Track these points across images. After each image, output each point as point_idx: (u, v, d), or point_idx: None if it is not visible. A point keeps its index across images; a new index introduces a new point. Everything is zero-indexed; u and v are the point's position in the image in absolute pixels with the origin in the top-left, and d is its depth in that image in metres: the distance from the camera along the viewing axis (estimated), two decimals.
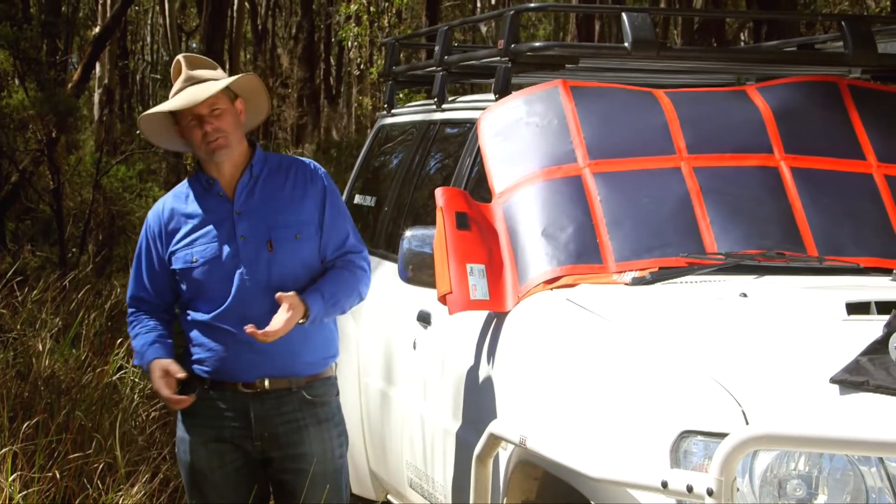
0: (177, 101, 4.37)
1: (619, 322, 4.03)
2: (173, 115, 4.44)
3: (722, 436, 3.07)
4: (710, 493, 2.98)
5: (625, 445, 3.52)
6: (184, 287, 4.47)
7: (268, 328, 4.21)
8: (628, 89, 5.18)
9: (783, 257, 4.56)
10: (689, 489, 3.05)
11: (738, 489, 3.10)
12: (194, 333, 4.46)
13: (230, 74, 4.54)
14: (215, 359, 4.41)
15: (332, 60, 39.83)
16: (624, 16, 5.21)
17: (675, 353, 3.69)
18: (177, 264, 4.45)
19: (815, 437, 2.99)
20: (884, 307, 3.80)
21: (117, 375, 7.07)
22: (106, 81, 27.83)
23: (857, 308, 3.83)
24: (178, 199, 4.54)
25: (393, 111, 7.11)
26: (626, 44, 5.17)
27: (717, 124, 5.01)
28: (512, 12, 5.34)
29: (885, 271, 4.56)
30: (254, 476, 4.50)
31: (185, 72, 4.43)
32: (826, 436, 2.99)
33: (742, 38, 30.43)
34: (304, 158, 4.62)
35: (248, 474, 4.49)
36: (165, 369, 4.33)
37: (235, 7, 27.68)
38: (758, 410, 3.28)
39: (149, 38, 46.74)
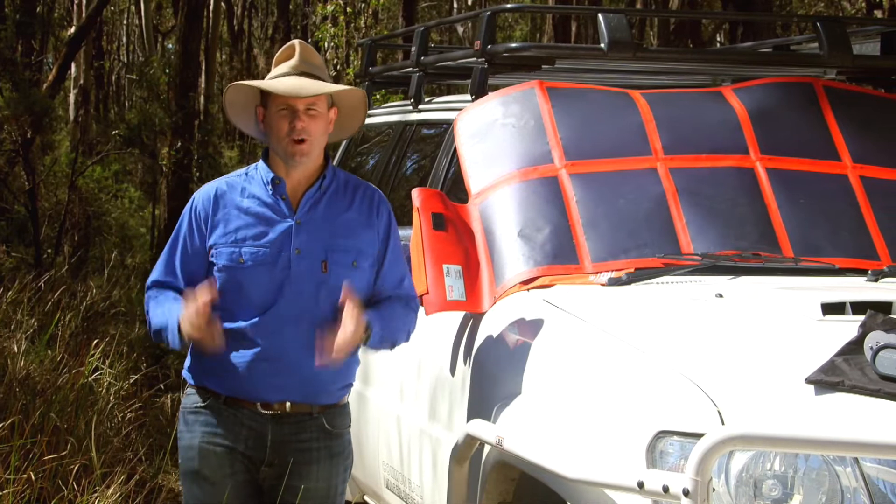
0: (281, 84, 4.02)
1: (596, 323, 4.04)
2: (264, 95, 4.10)
3: (698, 436, 3.07)
4: (686, 493, 2.99)
5: (601, 446, 3.52)
6: (218, 287, 4.02)
7: (337, 344, 3.89)
8: (604, 90, 5.20)
9: (759, 258, 4.58)
10: (665, 489, 3.06)
11: (713, 489, 3.10)
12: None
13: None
14: (236, 374, 4.02)
15: None
16: (600, 17, 5.22)
17: (651, 354, 3.69)
18: (220, 259, 4.06)
19: (790, 438, 3.00)
20: (859, 307, 3.82)
21: (93, 377, 7.05)
22: (81, 82, 27.74)
23: (832, 308, 3.85)
24: (234, 189, 4.15)
25: (369, 112, 7.11)
26: (602, 45, 5.19)
27: (693, 125, 5.02)
28: (488, 13, 5.35)
29: (861, 272, 4.58)
30: (257, 497, 4.15)
31: (298, 59, 4.09)
32: (801, 436, 3.00)
33: (718, 39, 30.51)
34: (371, 185, 4.29)
35: (254, 493, 4.13)
36: (202, 303, 3.85)
37: (211, 7, 27.60)
38: (734, 411, 3.29)
39: (125, 39, 46.59)
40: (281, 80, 4.05)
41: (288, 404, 4.06)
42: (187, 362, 4.20)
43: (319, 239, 4.07)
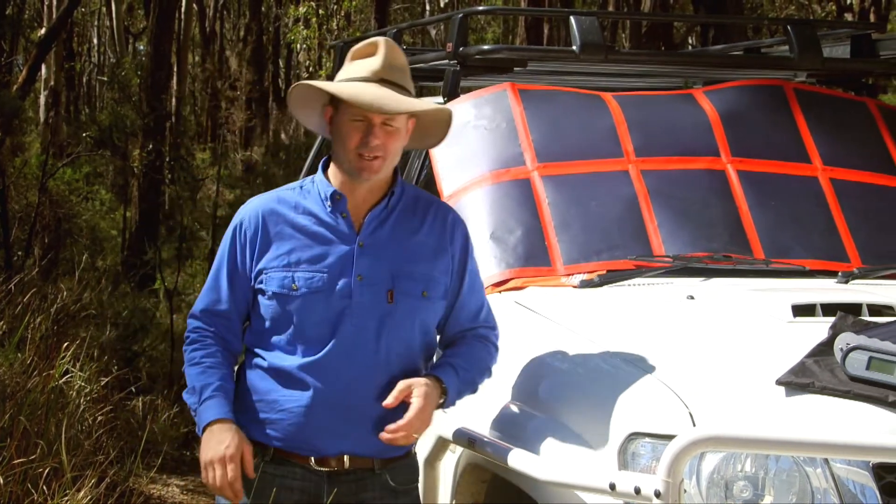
0: (360, 95, 3.48)
1: (568, 324, 4.04)
2: (333, 95, 3.57)
3: (669, 438, 3.08)
4: (657, 494, 2.99)
5: (573, 447, 3.53)
6: (267, 318, 3.58)
7: (407, 421, 3.48)
8: (576, 92, 5.21)
9: (730, 260, 4.59)
10: (637, 491, 3.06)
11: (685, 490, 3.11)
12: (266, 383, 3.56)
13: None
14: (289, 422, 3.51)
15: (280, 63, 39.74)
16: (572, 19, 5.23)
17: (622, 356, 3.69)
18: (269, 286, 3.55)
19: (761, 439, 3.00)
20: (829, 309, 3.83)
21: (63, 379, 7.01)
22: (52, 83, 27.62)
23: (802, 310, 3.86)
24: (286, 205, 3.63)
25: None
26: (574, 47, 5.19)
27: (664, 127, 5.04)
28: (461, 15, 5.35)
29: (831, 273, 4.61)
30: None
31: (382, 62, 3.55)
32: (772, 437, 3.00)
33: (690, 41, 30.61)
34: (444, 203, 3.83)
35: None
36: (240, 453, 3.45)
37: (183, 9, 27.54)
38: (705, 412, 3.29)
39: (95, 40, 46.40)
40: (360, 87, 3.51)
41: (346, 458, 3.55)
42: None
43: (385, 264, 3.56)
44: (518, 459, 3.57)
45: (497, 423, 3.97)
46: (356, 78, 3.56)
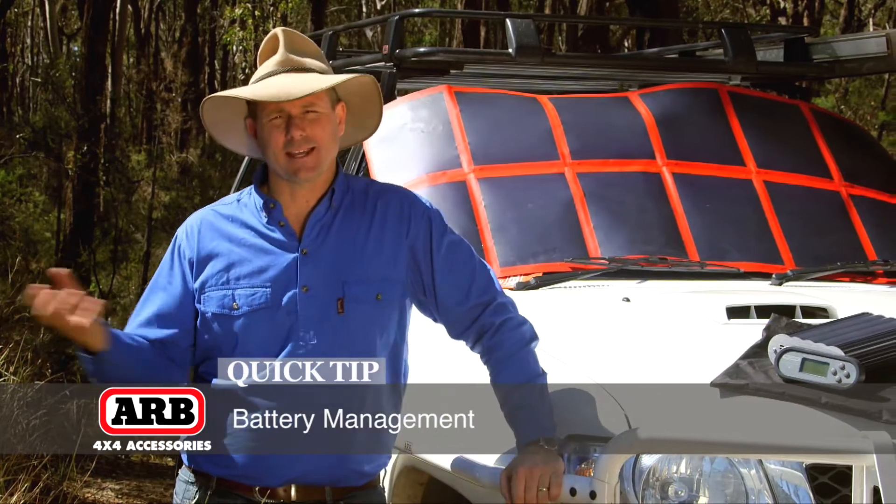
0: (264, 88, 3.21)
1: None
2: (250, 105, 3.30)
3: (605, 440, 3.09)
4: (592, 496, 3.00)
5: (511, 450, 3.53)
6: (210, 340, 3.26)
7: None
8: (513, 95, 5.22)
9: (665, 262, 4.62)
10: (573, 492, 3.07)
11: (620, 492, 3.12)
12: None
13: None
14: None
15: (216, 64, 39.51)
16: (508, 22, 5.24)
17: (559, 358, 3.70)
18: (208, 306, 3.25)
19: (695, 441, 3.02)
20: (763, 311, 3.86)
21: None
22: None
23: (737, 312, 3.89)
24: (221, 218, 3.34)
25: None
26: (510, 50, 5.20)
27: (600, 130, 5.06)
28: (397, 17, 5.35)
29: (765, 275, 4.64)
30: None
31: (282, 52, 3.27)
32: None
33: (626, 45, 30.76)
34: (398, 187, 3.48)
35: None
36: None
37: (118, 10, 27.32)
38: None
39: (29, 41, 45.97)
40: (264, 82, 3.25)
41: (294, 488, 3.23)
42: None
43: (332, 271, 3.25)
44: (455, 462, 3.57)
45: (433, 426, 3.97)
46: (263, 76, 3.28)
